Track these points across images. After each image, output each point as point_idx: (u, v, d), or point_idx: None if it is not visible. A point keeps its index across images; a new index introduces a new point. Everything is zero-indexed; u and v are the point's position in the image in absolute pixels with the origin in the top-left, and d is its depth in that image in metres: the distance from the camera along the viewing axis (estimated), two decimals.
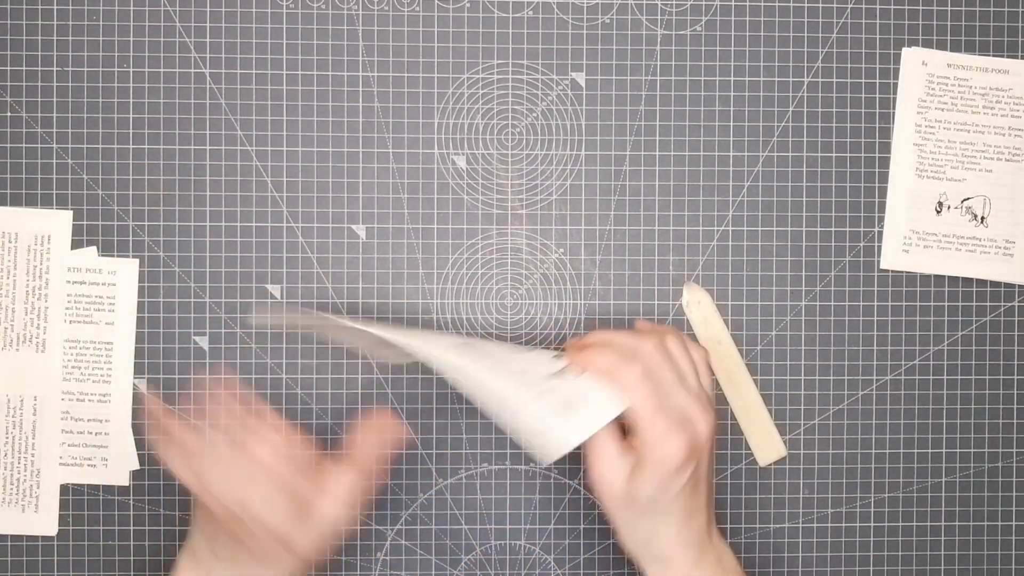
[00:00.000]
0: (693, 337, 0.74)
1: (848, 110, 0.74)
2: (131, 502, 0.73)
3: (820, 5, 0.74)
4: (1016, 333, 0.75)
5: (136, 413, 0.73)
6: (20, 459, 0.72)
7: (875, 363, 0.75)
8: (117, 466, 0.73)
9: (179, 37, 0.73)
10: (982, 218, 0.74)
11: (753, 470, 0.75)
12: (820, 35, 0.74)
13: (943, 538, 0.75)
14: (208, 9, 0.73)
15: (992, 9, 0.75)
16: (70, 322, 0.72)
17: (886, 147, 0.75)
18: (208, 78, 0.73)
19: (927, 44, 0.74)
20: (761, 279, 0.75)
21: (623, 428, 0.63)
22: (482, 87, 0.74)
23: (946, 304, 0.75)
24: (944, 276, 0.75)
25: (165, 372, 0.73)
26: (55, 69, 0.72)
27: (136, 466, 0.73)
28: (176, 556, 0.67)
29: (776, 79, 0.74)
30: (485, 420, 0.74)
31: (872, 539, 0.75)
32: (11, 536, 0.73)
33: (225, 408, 0.65)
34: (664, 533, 0.62)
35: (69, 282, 0.72)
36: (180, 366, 0.73)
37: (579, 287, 0.74)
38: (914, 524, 0.75)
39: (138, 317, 0.73)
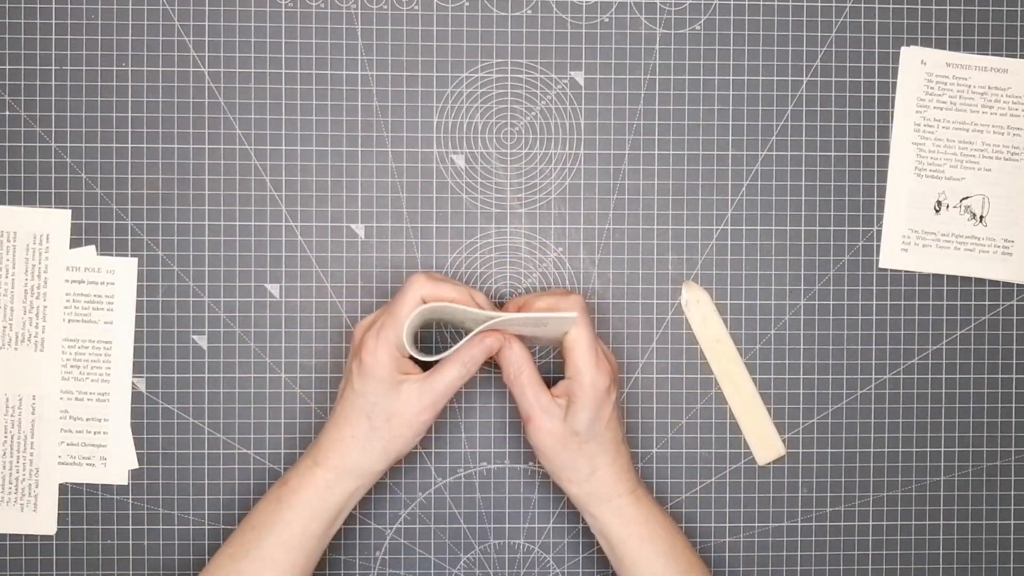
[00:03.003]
0: (692, 336, 0.74)
1: (847, 109, 0.74)
2: (130, 501, 0.73)
3: (819, 4, 0.74)
4: (1015, 332, 0.75)
5: (135, 412, 0.73)
6: (19, 458, 0.72)
7: (874, 362, 0.75)
8: (116, 465, 0.73)
9: (178, 36, 0.73)
10: (981, 217, 0.75)
11: (752, 469, 0.75)
12: (819, 34, 0.74)
13: (942, 536, 0.75)
14: (207, 8, 0.73)
15: (991, 8, 0.75)
16: (69, 321, 0.72)
17: (885, 146, 0.75)
18: (207, 77, 0.73)
19: (926, 43, 0.74)
20: (760, 278, 0.75)
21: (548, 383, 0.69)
22: (481, 86, 0.74)
23: (945, 303, 0.75)
24: (943, 275, 0.75)
25: (164, 371, 0.73)
26: (54, 68, 0.72)
27: (135, 465, 0.73)
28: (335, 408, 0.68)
29: (775, 78, 0.74)
30: (484, 420, 0.74)
31: (871, 537, 0.75)
32: (10, 535, 0.73)
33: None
34: (603, 463, 0.68)
35: (68, 281, 0.72)
36: (179, 365, 0.73)
37: (578, 286, 0.74)
38: (912, 523, 0.75)
39: (137, 316, 0.73)
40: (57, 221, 0.72)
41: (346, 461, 0.67)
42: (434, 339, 0.74)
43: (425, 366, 0.67)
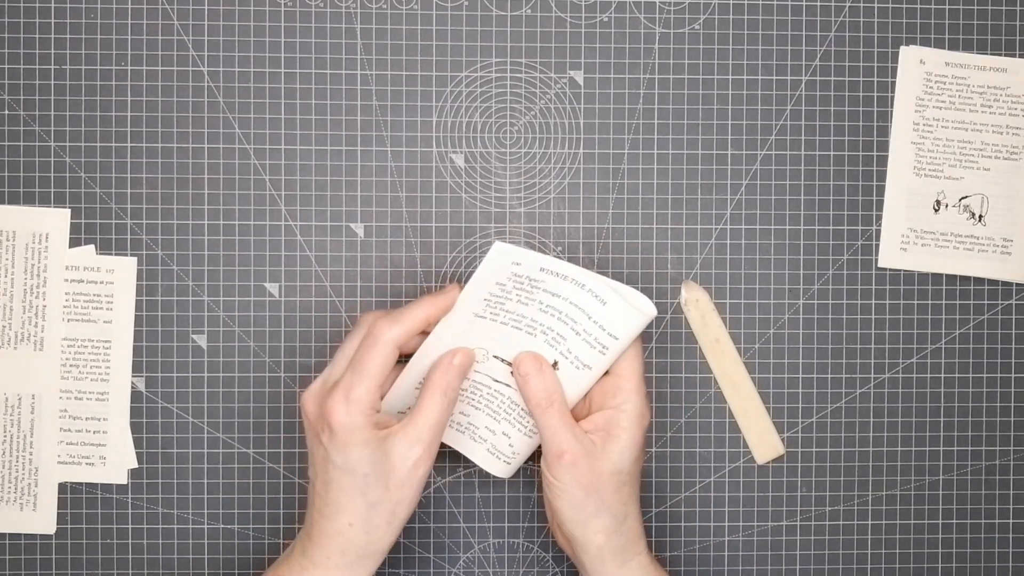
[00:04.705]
0: (691, 336, 0.74)
1: (846, 108, 0.75)
2: (129, 500, 0.73)
3: (818, 4, 0.74)
4: (1013, 331, 0.75)
5: (135, 411, 0.73)
6: (18, 458, 0.72)
7: (873, 361, 0.75)
8: (115, 464, 0.73)
9: (177, 36, 0.73)
10: (980, 216, 0.75)
11: (751, 468, 0.75)
12: (818, 33, 0.74)
13: (940, 536, 0.75)
14: (207, 7, 0.73)
15: (990, 7, 0.75)
16: (68, 320, 0.72)
17: (884, 145, 0.75)
18: (206, 76, 0.73)
19: (925, 42, 0.74)
20: (759, 277, 0.75)
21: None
22: (480, 85, 0.74)
23: (943, 302, 0.75)
24: (942, 274, 0.75)
25: (163, 370, 0.73)
26: (53, 67, 0.72)
27: (134, 464, 0.73)
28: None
29: (774, 77, 0.74)
30: None
31: (870, 537, 0.75)
32: (9, 535, 0.73)
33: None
34: (633, 511, 0.64)
35: (67, 280, 0.72)
36: (178, 364, 0.73)
37: None
38: (912, 522, 0.75)
39: (136, 315, 0.73)
40: (56, 220, 0.72)
41: (348, 555, 0.60)
42: None
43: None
